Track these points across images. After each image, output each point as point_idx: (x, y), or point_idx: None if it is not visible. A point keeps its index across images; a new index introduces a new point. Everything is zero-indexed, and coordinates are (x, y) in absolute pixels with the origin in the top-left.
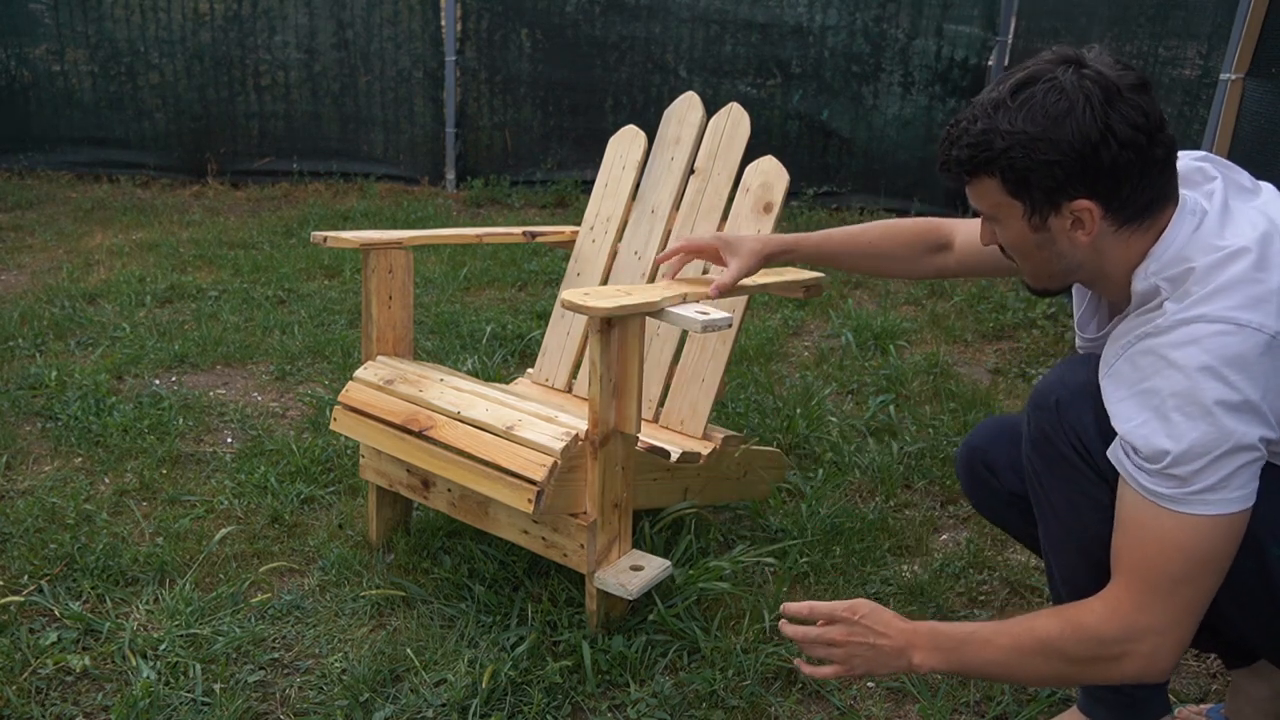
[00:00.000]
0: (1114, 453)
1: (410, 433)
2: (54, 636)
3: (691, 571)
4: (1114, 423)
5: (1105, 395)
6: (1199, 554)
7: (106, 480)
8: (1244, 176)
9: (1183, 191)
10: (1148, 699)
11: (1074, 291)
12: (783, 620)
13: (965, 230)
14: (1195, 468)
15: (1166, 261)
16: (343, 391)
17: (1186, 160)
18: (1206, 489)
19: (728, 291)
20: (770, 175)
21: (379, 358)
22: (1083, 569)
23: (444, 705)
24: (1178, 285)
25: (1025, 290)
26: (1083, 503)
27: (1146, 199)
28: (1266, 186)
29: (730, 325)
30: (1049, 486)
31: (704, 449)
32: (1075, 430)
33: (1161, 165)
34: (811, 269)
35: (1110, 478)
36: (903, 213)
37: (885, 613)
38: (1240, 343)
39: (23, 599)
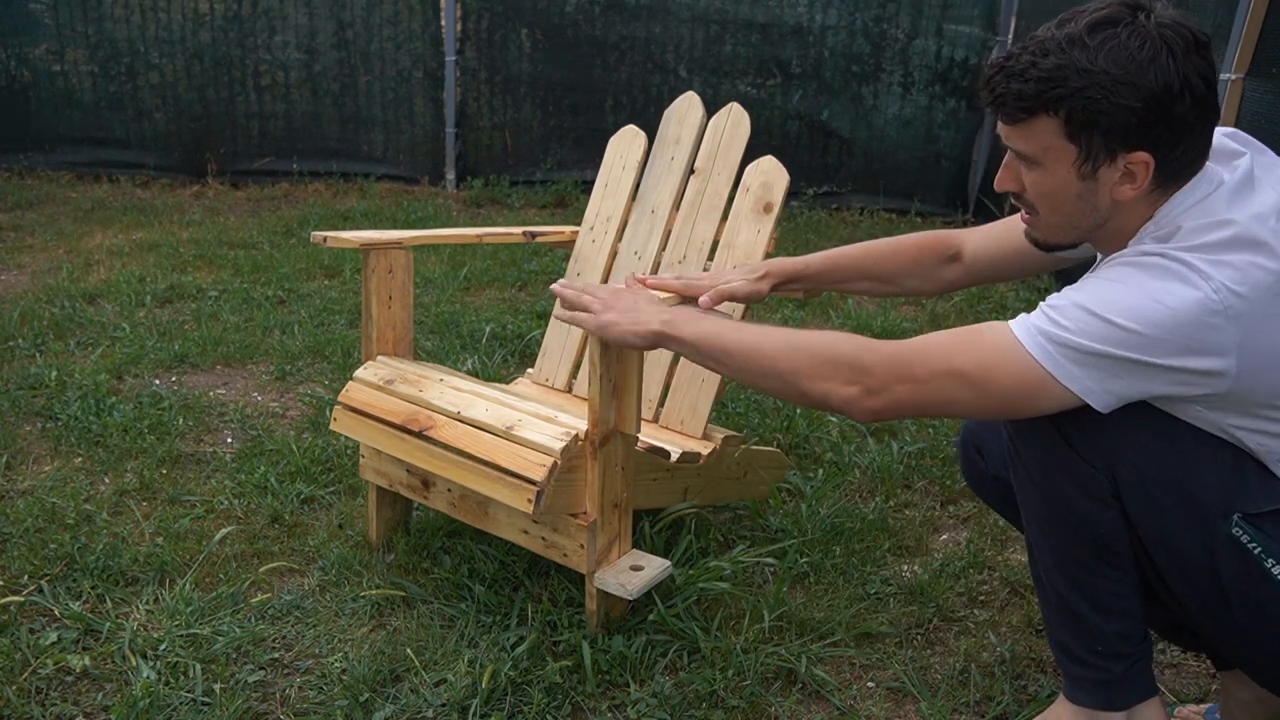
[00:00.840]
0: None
1: (410, 433)
2: (54, 636)
3: (691, 571)
4: None
5: None
6: (993, 368)
7: (106, 480)
8: (1271, 156)
9: (1210, 164)
10: (1128, 678)
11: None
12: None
13: (974, 240)
14: (1069, 320)
15: (1162, 223)
16: (343, 391)
17: (1230, 137)
18: (1057, 339)
19: (720, 298)
20: (770, 175)
21: (379, 358)
22: (1055, 536)
23: (444, 705)
24: (1161, 243)
25: (1030, 243)
26: (1054, 467)
27: (1189, 160)
28: None
29: None
30: (1023, 453)
31: (704, 449)
32: None
33: (1211, 127)
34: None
35: (1080, 446)
36: (903, 213)
37: (642, 295)
38: (1177, 282)
39: (23, 599)
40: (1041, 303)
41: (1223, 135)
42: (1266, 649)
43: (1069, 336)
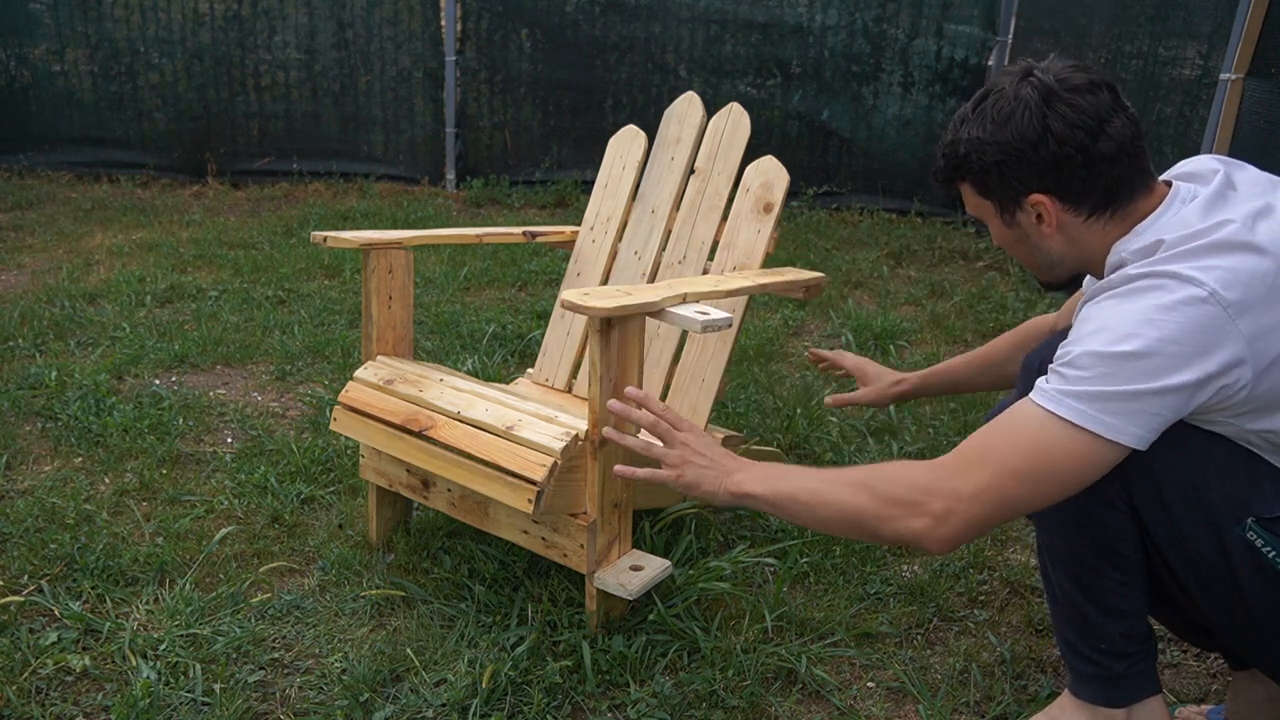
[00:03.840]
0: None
1: (410, 433)
2: (54, 636)
3: (691, 571)
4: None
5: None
6: (1040, 454)
7: (106, 480)
8: (1251, 170)
9: (1184, 184)
10: (1131, 676)
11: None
12: (612, 402)
13: (1062, 315)
14: (1087, 370)
15: (1142, 237)
16: (343, 391)
17: (1208, 160)
18: (1086, 395)
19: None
20: (770, 175)
21: (379, 358)
22: (1061, 534)
23: (444, 705)
24: (1145, 255)
25: (1038, 288)
26: None
27: (1104, 189)
28: None
29: (730, 325)
30: None
31: None
32: None
33: (1111, 159)
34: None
35: None
36: (903, 213)
37: (711, 444)
38: (1171, 295)
39: (23, 599)
40: (1051, 365)
41: (1209, 159)
42: None
43: (1096, 388)
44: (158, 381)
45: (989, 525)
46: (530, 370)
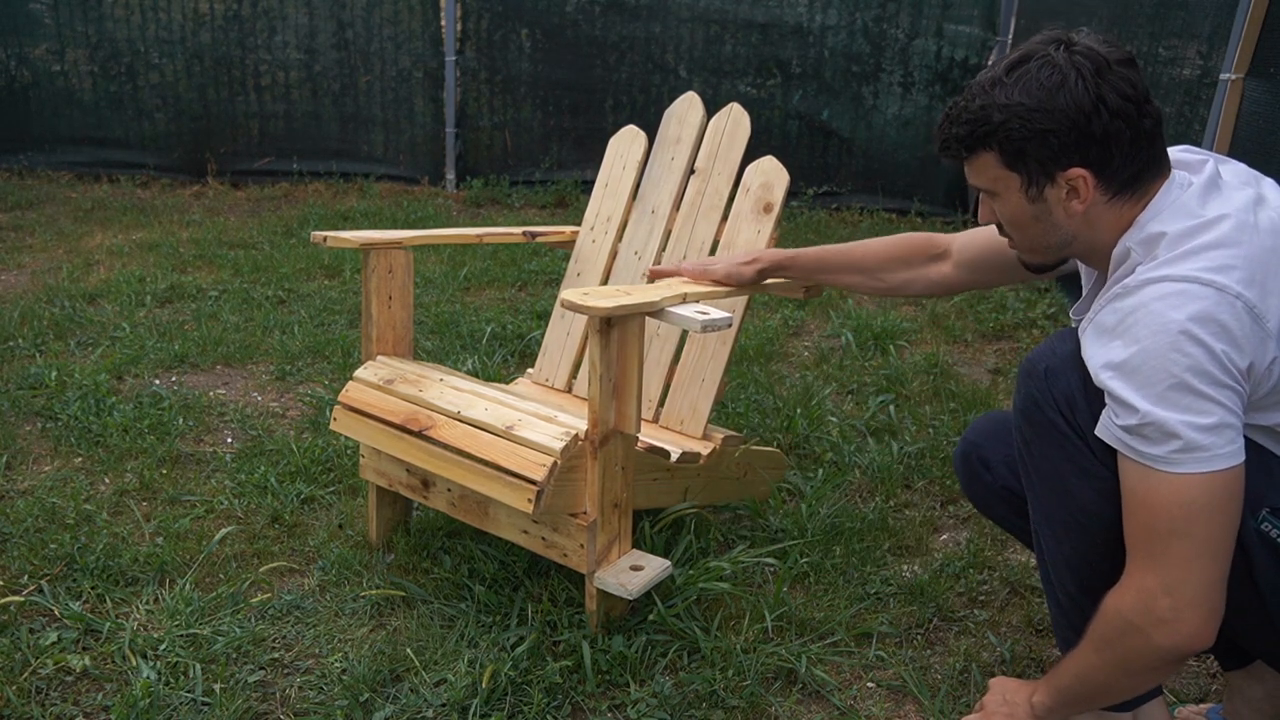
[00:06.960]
0: (1103, 427)
1: (410, 432)
2: (54, 636)
3: (691, 571)
4: (1089, 365)
5: (1084, 348)
6: (1183, 506)
7: (106, 480)
8: (1233, 162)
9: (1176, 170)
10: None
11: (1081, 274)
12: None
13: (961, 237)
14: (1165, 429)
15: (1145, 227)
16: (343, 391)
17: (1187, 151)
18: (1182, 449)
19: (701, 278)
20: (771, 175)
21: (379, 358)
22: (1068, 538)
23: (444, 705)
24: (1149, 249)
25: (1022, 268)
26: (1068, 469)
27: (1136, 169)
28: (1267, 180)
29: (730, 325)
30: (1037, 454)
31: (704, 449)
32: (1064, 395)
33: (1150, 136)
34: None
35: (1096, 445)
36: (903, 213)
37: (997, 688)
38: (1200, 303)
39: (23, 599)
40: (1121, 423)
41: (1195, 151)
42: None
43: (1173, 445)
44: (158, 381)
45: (1212, 586)
46: (530, 370)
